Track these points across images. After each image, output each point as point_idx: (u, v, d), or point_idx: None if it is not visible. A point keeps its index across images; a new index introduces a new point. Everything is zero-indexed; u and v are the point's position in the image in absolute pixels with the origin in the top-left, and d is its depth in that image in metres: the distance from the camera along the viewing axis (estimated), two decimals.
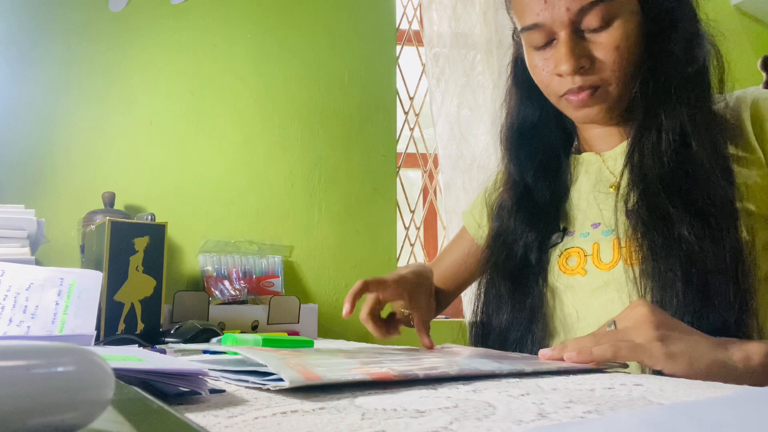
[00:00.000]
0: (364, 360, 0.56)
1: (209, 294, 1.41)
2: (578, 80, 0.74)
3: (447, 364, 0.53)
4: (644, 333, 0.56)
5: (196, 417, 0.36)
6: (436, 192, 1.88)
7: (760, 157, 0.71)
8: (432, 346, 0.82)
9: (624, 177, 0.76)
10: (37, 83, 1.51)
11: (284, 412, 0.37)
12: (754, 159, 0.71)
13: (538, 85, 0.80)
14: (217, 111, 1.63)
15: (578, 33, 0.73)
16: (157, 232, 1.08)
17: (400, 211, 1.81)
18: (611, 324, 0.60)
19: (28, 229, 1.07)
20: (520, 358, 0.60)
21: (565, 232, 0.82)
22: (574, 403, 0.39)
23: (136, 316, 1.03)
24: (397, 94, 1.82)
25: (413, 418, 0.35)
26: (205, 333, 1.00)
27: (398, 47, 1.85)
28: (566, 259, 0.79)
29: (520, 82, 0.87)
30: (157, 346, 0.89)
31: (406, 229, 1.85)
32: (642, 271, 0.69)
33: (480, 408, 0.37)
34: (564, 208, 0.84)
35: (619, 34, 0.72)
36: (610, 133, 0.83)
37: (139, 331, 1.03)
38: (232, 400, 0.41)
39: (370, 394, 0.43)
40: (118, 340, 0.97)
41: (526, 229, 0.82)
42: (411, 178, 1.94)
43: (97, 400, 0.24)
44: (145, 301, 1.05)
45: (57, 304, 0.87)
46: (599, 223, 0.79)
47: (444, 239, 1.84)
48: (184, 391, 0.42)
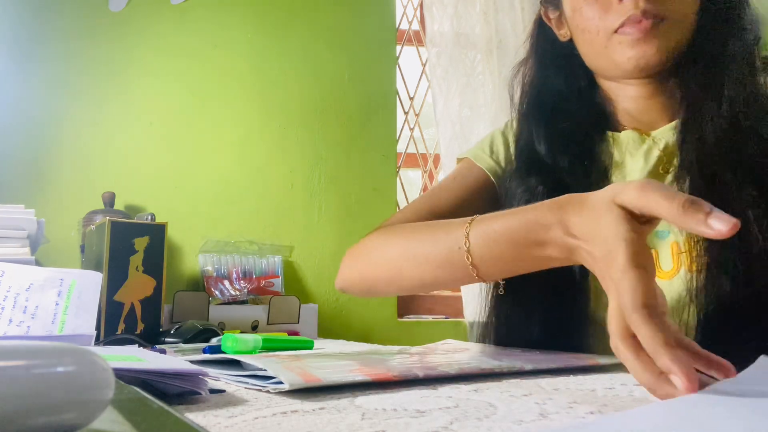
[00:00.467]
0: (364, 361, 0.56)
1: (209, 294, 1.40)
2: (643, 3, 0.63)
3: (447, 363, 0.53)
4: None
5: (196, 417, 0.36)
6: None
7: None
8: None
9: (678, 158, 0.65)
10: (37, 83, 1.51)
11: (284, 412, 0.37)
12: None
13: (579, 32, 0.70)
14: (217, 111, 1.62)
15: None
16: (157, 232, 1.08)
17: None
18: None
19: (28, 229, 1.07)
20: (521, 355, 0.60)
21: None
22: (577, 404, 0.38)
23: (136, 316, 1.03)
24: (397, 94, 1.82)
25: (413, 418, 0.35)
26: (205, 333, 1.00)
27: (398, 47, 1.85)
28: None
29: (544, 48, 0.78)
30: (157, 346, 0.89)
31: None
32: (706, 282, 0.58)
33: (481, 408, 0.37)
34: None
35: None
36: (654, 107, 0.72)
37: (139, 331, 1.03)
38: (232, 400, 0.41)
39: (370, 394, 0.43)
40: (118, 340, 0.97)
41: None
42: (411, 178, 1.94)
43: (97, 400, 0.24)
44: (145, 301, 1.05)
45: (57, 304, 0.87)
46: None
47: None
48: (184, 391, 0.42)
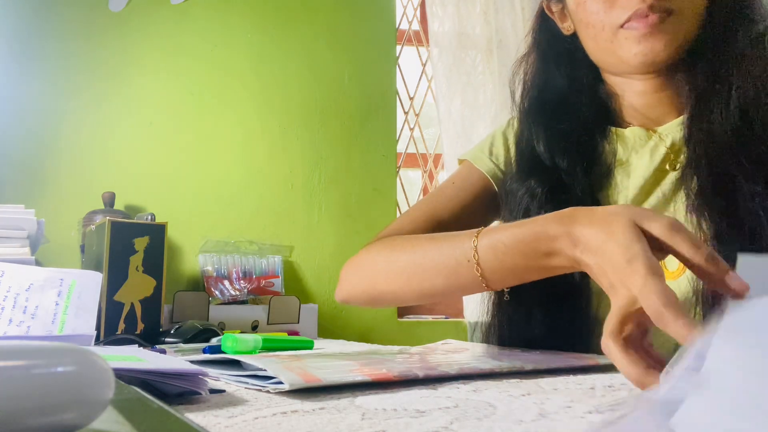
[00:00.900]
0: (364, 361, 0.56)
1: (209, 294, 1.40)
2: None
3: (447, 363, 0.53)
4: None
5: (196, 417, 0.36)
6: None
7: None
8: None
9: (686, 155, 0.64)
10: (37, 83, 1.51)
11: (284, 412, 0.37)
12: None
13: (583, 27, 0.68)
14: (217, 111, 1.62)
15: None
16: (157, 232, 1.08)
17: (400, 211, 1.81)
18: None
19: (28, 229, 1.07)
20: (520, 355, 0.60)
21: None
22: (575, 403, 0.39)
23: (136, 316, 1.03)
24: (397, 94, 1.82)
25: (413, 418, 0.35)
26: (205, 333, 1.00)
27: (398, 47, 1.85)
28: None
29: (546, 42, 0.76)
30: (157, 346, 0.89)
31: None
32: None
33: (480, 408, 0.37)
34: (608, 195, 0.69)
35: None
36: (660, 101, 0.70)
37: (139, 331, 1.03)
38: (232, 400, 0.41)
39: (370, 394, 0.43)
40: (118, 340, 0.97)
41: None
42: (411, 178, 1.94)
43: (97, 400, 0.24)
44: (145, 301, 1.05)
45: (57, 304, 0.87)
46: None
47: None
48: (184, 391, 0.42)
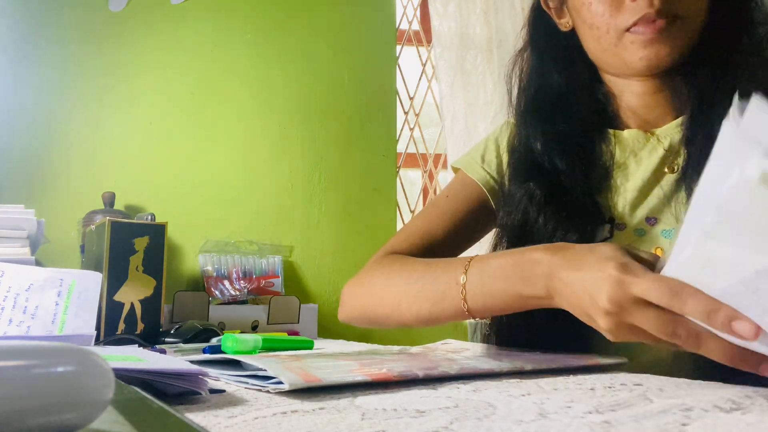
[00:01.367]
0: (364, 361, 0.56)
1: (209, 294, 1.40)
2: (657, 2, 0.61)
3: (447, 363, 0.53)
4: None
5: (196, 417, 0.36)
6: (436, 192, 1.88)
7: None
8: None
9: (684, 157, 0.63)
10: (37, 83, 1.50)
11: (284, 412, 0.37)
12: None
13: (586, 27, 0.67)
14: (217, 111, 1.62)
15: None
16: (157, 232, 1.08)
17: (400, 211, 1.81)
18: None
19: (28, 229, 1.07)
20: (520, 355, 0.60)
21: (614, 224, 0.66)
22: (575, 403, 0.39)
23: (136, 316, 1.03)
24: (397, 94, 1.82)
25: (413, 418, 0.35)
26: (205, 333, 1.00)
27: (398, 47, 1.85)
28: None
29: (542, 38, 0.75)
30: (157, 346, 0.89)
31: None
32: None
33: (480, 408, 0.37)
34: (606, 198, 0.69)
35: None
36: (659, 103, 0.70)
37: (139, 331, 1.03)
38: (232, 400, 0.41)
39: (370, 394, 0.43)
40: (118, 340, 0.97)
41: (561, 228, 0.66)
42: (411, 178, 1.94)
43: (97, 400, 0.24)
44: (145, 301, 1.05)
45: (57, 304, 0.87)
46: (655, 219, 0.66)
47: None
48: (184, 391, 0.42)
